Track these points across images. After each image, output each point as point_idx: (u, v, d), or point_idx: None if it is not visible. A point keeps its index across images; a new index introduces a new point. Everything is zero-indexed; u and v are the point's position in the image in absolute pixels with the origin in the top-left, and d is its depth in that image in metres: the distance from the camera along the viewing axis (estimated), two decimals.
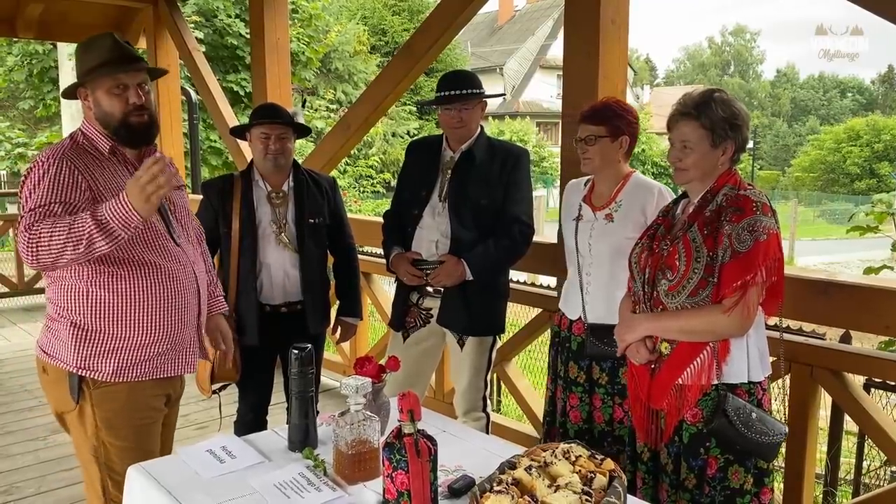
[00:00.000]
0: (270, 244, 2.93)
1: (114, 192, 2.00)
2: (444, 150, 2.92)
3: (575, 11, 3.03)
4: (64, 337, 2.09)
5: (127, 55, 2.11)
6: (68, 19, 6.15)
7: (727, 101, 2.05)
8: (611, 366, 2.49)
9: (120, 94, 2.09)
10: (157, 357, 2.15)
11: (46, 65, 12.23)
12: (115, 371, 2.09)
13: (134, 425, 2.16)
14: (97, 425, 2.13)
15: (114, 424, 2.13)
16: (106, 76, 2.08)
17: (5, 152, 13.73)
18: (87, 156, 2.09)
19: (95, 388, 2.11)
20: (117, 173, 2.13)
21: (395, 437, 1.68)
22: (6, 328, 6.54)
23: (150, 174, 1.81)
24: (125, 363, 2.10)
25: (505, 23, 35.64)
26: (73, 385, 2.10)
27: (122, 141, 2.13)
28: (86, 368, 2.09)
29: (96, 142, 2.13)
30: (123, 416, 2.14)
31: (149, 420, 2.20)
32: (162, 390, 2.23)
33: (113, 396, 2.12)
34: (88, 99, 2.13)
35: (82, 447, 2.18)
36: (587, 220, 2.55)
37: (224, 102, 5.53)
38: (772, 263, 1.94)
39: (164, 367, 2.18)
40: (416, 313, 2.97)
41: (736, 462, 2.03)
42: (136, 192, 1.82)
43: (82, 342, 2.08)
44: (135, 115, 2.10)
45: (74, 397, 2.11)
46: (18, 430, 4.12)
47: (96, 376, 2.09)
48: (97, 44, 2.11)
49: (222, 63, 12.49)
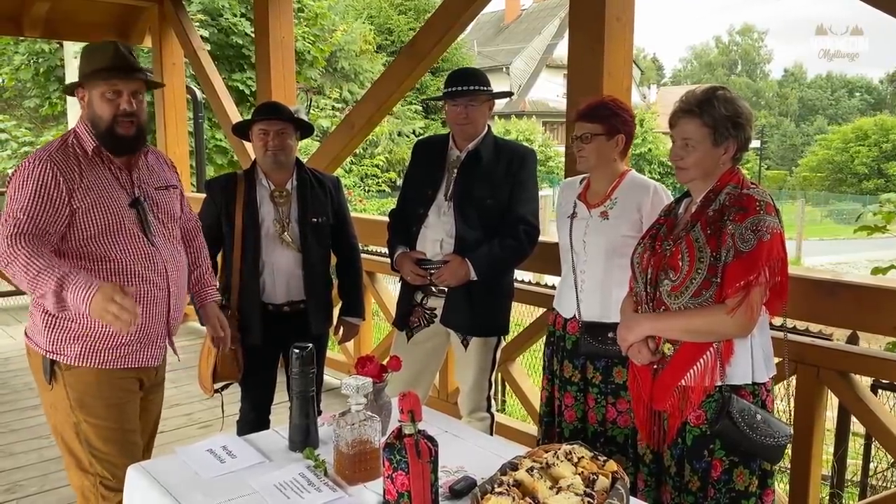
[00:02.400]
0: (273, 243, 2.92)
1: (91, 193, 2.16)
2: (451, 149, 2.91)
3: (580, 9, 3.02)
4: (38, 322, 2.23)
5: (126, 64, 2.22)
6: (74, 18, 6.16)
7: (730, 98, 2.02)
8: (605, 365, 2.48)
9: (112, 100, 2.19)
10: (120, 348, 2.24)
11: (52, 63, 12.25)
12: (80, 355, 2.21)
13: (107, 404, 2.25)
14: (71, 404, 2.24)
15: (86, 404, 2.24)
16: (102, 80, 2.19)
17: (12, 151, 13.76)
18: (72, 158, 2.20)
19: (66, 370, 2.23)
20: (99, 175, 2.23)
21: (396, 438, 1.67)
22: (11, 326, 6.57)
23: (122, 307, 1.92)
24: (89, 349, 2.21)
25: (511, 22, 35.63)
26: (46, 367, 2.23)
27: (108, 148, 2.23)
28: (54, 352, 2.22)
29: (84, 143, 2.23)
30: (95, 395, 2.24)
31: (122, 400, 2.29)
32: (133, 375, 2.32)
33: (83, 378, 2.23)
34: (84, 98, 2.24)
35: (64, 426, 2.28)
36: (582, 218, 2.54)
37: (229, 101, 5.53)
38: (775, 263, 1.91)
39: (129, 359, 2.27)
40: (421, 313, 2.95)
41: (741, 464, 2.01)
42: (100, 303, 1.93)
43: (51, 327, 2.21)
44: (122, 125, 2.20)
45: (47, 377, 2.24)
46: (22, 428, 4.12)
47: (63, 360, 2.21)
48: (101, 49, 2.22)
49: (227, 62, 12.48)
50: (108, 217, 2.19)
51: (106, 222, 2.19)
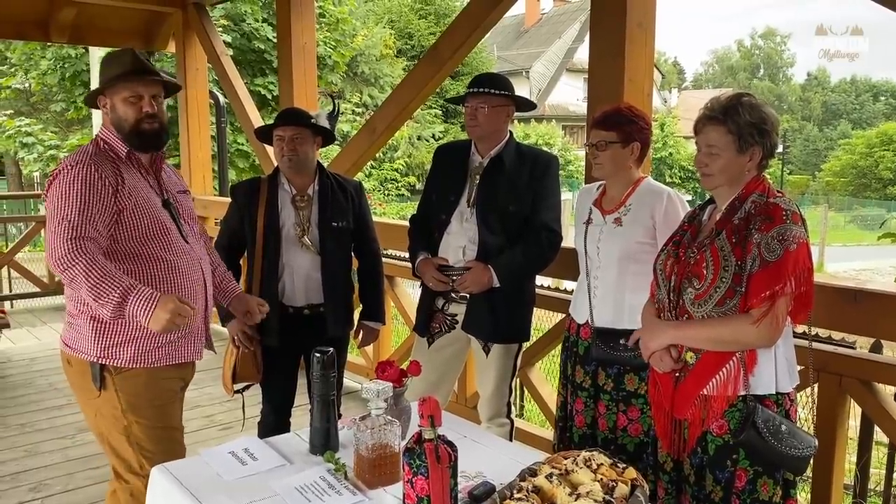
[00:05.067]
0: (293, 246, 2.95)
1: (134, 194, 2.26)
2: (473, 154, 2.91)
3: (601, 15, 3.01)
4: (84, 330, 2.26)
5: (144, 68, 2.32)
6: (100, 24, 6.26)
7: (755, 105, 2.01)
8: (616, 372, 2.48)
9: (135, 103, 2.29)
10: (169, 344, 2.32)
11: (78, 68, 12.46)
12: (133, 357, 2.27)
13: (155, 405, 2.33)
14: (122, 407, 2.29)
15: (136, 405, 2.30)
16: (123, 86, 2.29)
17: (38, 154, 13.99)
18: (109, 160, 2.28)
19: (117, 374, 2.27)
20: (134, 176, 2.32)
21: (416, 443, 1.68)
22: (37, 327, 6.67)
23: (182, 317, 2.10)
24: (142, 350, 2.27)
25: (532, 26, 35.57)
26: (96, 374, 2.27)
27: (134, 146, 2.32)
28: (106, 357, 2.26)
29: (115, 147, 2.32)
30: (145, 397, 2.31)
31: (167, 401, 2.38)
32: (178, 374, 2.41)
33: (133, 380, 2.29)
34: (107, 106, 2.34)
35: (112, 431, 2.33)
36: (596, 224, 2.55)
37: (251, 106, 5.58)
38: (801, 273, 1.89)
39: (177, 353, 2.36)
40: (442, 319, 2.96)
41: (765, 474, 1.99)
42: (163, 316, 2.07)
43: (102, 334, 2.24)
44: (146, 122, 2.30)
45: (97, 384, 2.28)
46: (48, 427, 4.18)
47: (117, 363, 2.26)
48: (119, 58, 2.33)
49: (250, 67, 12.62)
50: (150, 217, 2.29)
51: (149, 222, 2.28)
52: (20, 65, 13.21)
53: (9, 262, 7.22)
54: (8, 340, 5.99)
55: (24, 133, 14.05)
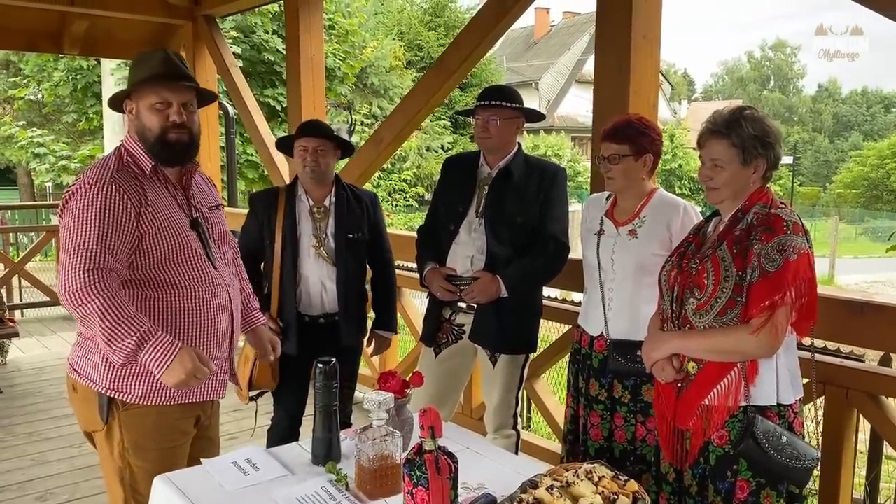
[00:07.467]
0: (310, 257, 3.00)
1: (158, 216, 2.04)
2: (482, 165, 2.93)
3: (606, 27, 3.02)
4: (95, 357, 2.06)
5: (176, 72, 2.08)
6: (111, 36, 6.32)
7: (758, 118, 2.01)
8: (633, 383, 2.46)
9: (161, 111, 2.06)
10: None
11: (90, 80, 12.56)
12: (145, 394, 2.06)
13: (161, 448, 2.13)
14: (124, 446, 2.10)
15: (141, 446, 2.10)
16: (150, 90, 2.05)
17: (49, 164, 14.10)
18: (132, 177, 2.05)
19: (124, 409, 2.08)
20: (161, 195, 2.10)
21: (416, 454, 1.67)
22: (46, 336, 6.71)
23: (197, 379, 1.94)
24: (154, 386, 2.06)
25: (541, 38, 35.65)
26: (103, 405, 2.07)
27: (160, 159, 2.09)
28: (115, 390, 2.05)
29: (139, 161, 2.09)
30: (151, 438, 2.10)
31: (176, 443, 2.17)
32: (191, 413, 2.20)
33: (141, 419, 2.09)
34: (133, 111, 2.10)
35: (108, 467, 2.16)
36: (609, 236, 2.53)
37: (260, 117, 5.62)
38: (801, 284, 1.89)
39: (194, 392, 2.13)
40: (449, 329, 2.97)
41: (768, 485, 1.98)
42: (178, 373, 1.91)
43: (113, 366, 2.03)
44: (173, 132, 2.07)
45: (103, 417, 2.08)
46: (56, 436, 4.20)
47: (126, 398, 2.06)
48: (150, 57, 2.08)
49: (259, 78, 12.69)
50: (175, 240, 2.06)
51: (173, 246, 2.06)
52: (33, 76, 13.34)
53: (20, 271, 7.26)
54: (17, 349, 6.03)
55: (36, 143, 14.18)
